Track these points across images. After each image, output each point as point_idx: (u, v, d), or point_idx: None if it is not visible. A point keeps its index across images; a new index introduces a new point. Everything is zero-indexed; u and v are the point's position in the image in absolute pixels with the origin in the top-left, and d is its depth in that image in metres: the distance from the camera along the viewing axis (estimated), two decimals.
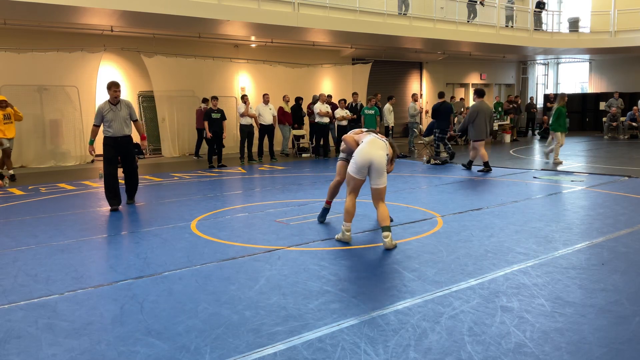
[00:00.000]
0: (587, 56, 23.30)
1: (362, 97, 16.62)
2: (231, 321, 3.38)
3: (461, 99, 19.38)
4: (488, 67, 23.50)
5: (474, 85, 22.43)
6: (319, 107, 13.82)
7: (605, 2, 20.37)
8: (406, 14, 15.93)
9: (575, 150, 11.38)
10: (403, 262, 4.57)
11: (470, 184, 8.95)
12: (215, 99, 12.37)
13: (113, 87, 7.23)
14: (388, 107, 14.94)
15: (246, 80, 16.31)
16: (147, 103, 14.86)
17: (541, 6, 20.12)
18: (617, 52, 20.75)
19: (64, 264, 4.73)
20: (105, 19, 11.92)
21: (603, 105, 20.92)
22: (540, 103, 23.99)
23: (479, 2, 18.03)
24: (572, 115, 18.77)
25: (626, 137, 18.27)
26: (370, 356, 2.88)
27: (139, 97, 14.78)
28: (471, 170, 10.62)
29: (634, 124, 18.32)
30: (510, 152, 14.50)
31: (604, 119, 19.59)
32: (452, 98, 19.00)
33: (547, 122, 19.68)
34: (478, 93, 11.07)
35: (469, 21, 17.67)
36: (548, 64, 26.02)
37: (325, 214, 6.14)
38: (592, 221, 6.01)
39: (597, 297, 3.70)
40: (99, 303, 3.76)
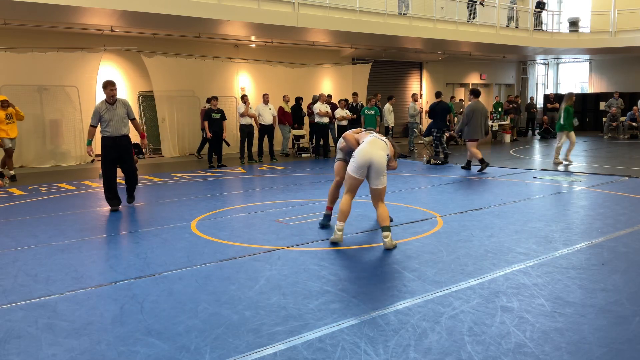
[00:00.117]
0: (587, 56, 23.30)
1: (362, 97, 16.61)
2: (231, 321, 3.38)
3: (460, 99, 19.32)
4: (488, 67, 23.49)
5: (474, 85, 22.42)
6: (318, 107, 13.82)
7: (605, 2, 20.36)
8: (406, 14, 15.92)
9: (576, 150, 11.39)
10: (403, 262, 4.57)
11: (470, 184, 8.95)
12: (215, 99, 12.37)
13: (109, 86, 7.10)
14: (388, 107, 14.94)
15: (246, 80, 16.31)
16: (147, 103, 14.86)
17: (541, 6, 20.12)
18: (617, 52, 20.75)
19: (64, 264, 4.73)
20: (105, 19, 11.92)
21: (603, 105, 20.91)
22: (540, 103, 23.98)
23: (479, 2, 18.02)
24: None
25: (626, 137, 18.27)
26: (370, 356, 2.88)
27: (139, 97, 14.78)
28: (470, 170, 10.63)
29: (634, 124, 18.32)
30: (510, 152, 14.51)
31: (604, 119, 19.59)
32: (452, 98, 18.98)
33: (547, 122, 19.75)
34: (474, 93, 11.11)
35: (469, 21, 17.66)
36: (548, 64, 26.02)
37: (327, 219, 6.01)
38: (592, 221, 6.01)
39: (597, 297, 3.70)
40: (99, 303, 3.76)
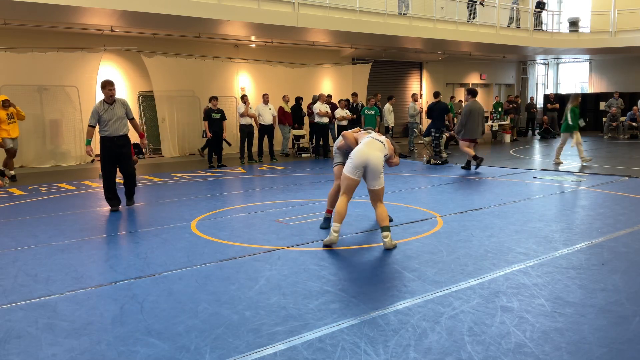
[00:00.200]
0: (587, 56, 23.29)
1: (362, 97, 16.61)
2: (231, 321, 3.38)
3: (460, 100, 19.25)
4: (488, 67, 23.49)
5: (474, 85, 22.41)
6: (318, 107, 13.82)
7: (605, 2, 20.36)
8: (406, 14, 15.92)
9: (576, 150, 11.39)
10: (403, 262, 4.57)
11: (470, 184, 8.95)
12: (215, 99, 12.37)
13: (108, 85, 7.03)
14: (388, 107, 14.94)
15: (246, 80, 16.31)
16: (147, 103, 14.86)
17: (541, 6, 20.12)
18: (617, 52, 20.74)
19: (64, 264, 4.73)
20: (105, 19, 11.92)
21: (603, 105, 20.90)
22: (540, 103, 23.98)
23: (479, 2, 18.02)
24: None
25: (626, 137, 18.27)
26: (370, 356, 2.88)
27: (139, 97, 14.78)
28: (470, 170, 10.64)
29: (634, 124, 18.31)
30: (510, 152, 14.50)
31: (604, 119, 19.58)
32: (451, 98, 18.97)
33: (547, 122, 19.74)
34: (471, 92, 11.12)
35: (469, 21, 17.65)
36: (548, 64, 26.01)
37: (327, 222, 5.96)
38: (592, 221, 6.01)
39: (597, 297, 3.70)
40: (99, 303, 3.76)
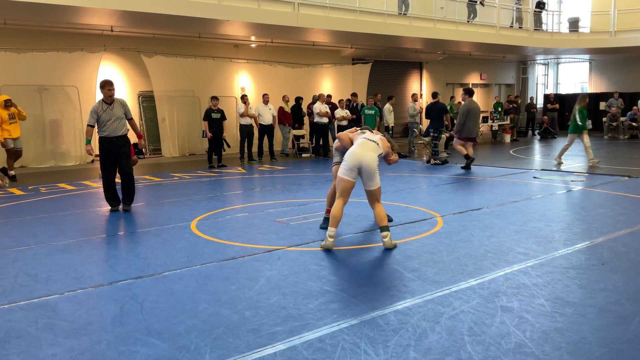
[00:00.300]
0: (587, 56, 23.29)
1: (362, 97, 16.60)
2: (231, 321, 3.38)
3: (459, 102, 19.20)
4: (488, 67, 23.49)
5: (474, 86, 22.40)
6: (318, 107, 13.82)
7: (605, 2, 20.36)
8: (406, 14, 15.92)
9: (576, 150, 11.38)
10: (403, 262, 4.57)
11: (471, 184, 8.95)
12: (215, 99, 12.37)
13: (107, 85, 6.97)
14: (388, 107, 14.94)
15: (246, 80, 16.31)
16: (147, 103, 14.85)
17: (541, 6, 20.11)
18: (617, 52, 20.74)
19: (64, 264, 4.73)
20: (105, 19, 11.92)
21: (603, 105, 20.90)
22: (540, 103, 23.98)
23: (479, 2, 18.02)
24: None
25: (626, 137, 18.27)
26: (370, 356, 2.88)
27: (139, 97, 14.78)
28: (470, 170, 10.64)
29: (634, 124, 18.31)
30: (510, 152, 14.50)
31: (604, 119, 19.58)
32: (451, 98, 18.95)
33: (547, 122, 19.73)
34: (468, 92, 11.14)
35: (469, 21, 17.65)
36: (548, 64, 26.01)
37: (327, 222, 5.90)
38: (592, 221, 6.01)
39: (597, 297, 3.70)
40: (99, 303, 3.76)
